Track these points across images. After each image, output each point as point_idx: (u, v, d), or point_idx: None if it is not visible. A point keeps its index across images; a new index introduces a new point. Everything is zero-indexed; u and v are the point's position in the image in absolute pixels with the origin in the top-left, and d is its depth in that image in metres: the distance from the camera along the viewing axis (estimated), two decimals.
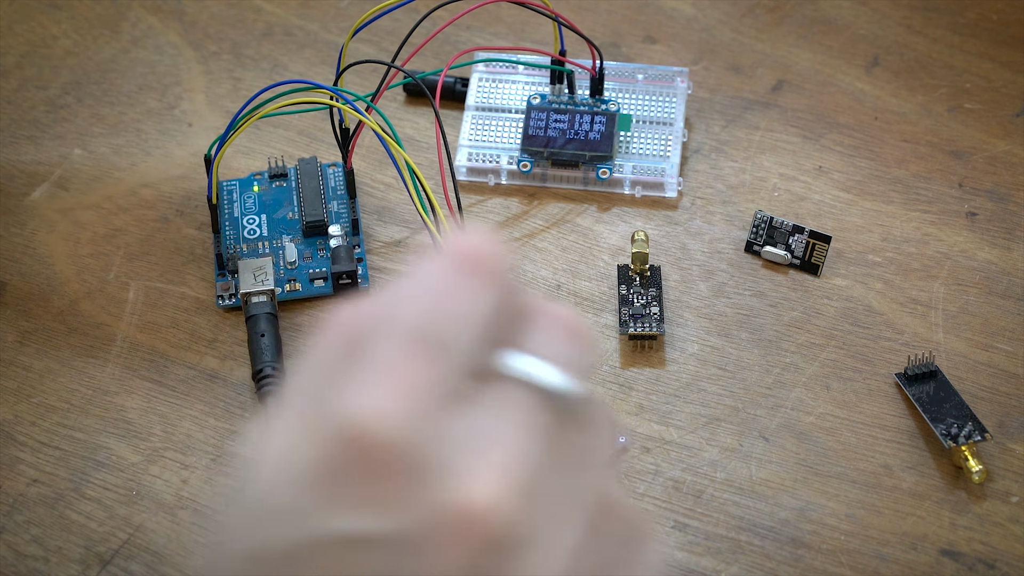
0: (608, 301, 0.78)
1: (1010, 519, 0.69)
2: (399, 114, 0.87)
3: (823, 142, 0.84)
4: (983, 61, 0.88)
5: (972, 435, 0.70)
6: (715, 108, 0.86)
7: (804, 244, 0.78)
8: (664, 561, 0.54)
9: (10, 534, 0.69)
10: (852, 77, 0.88)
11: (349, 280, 0.77)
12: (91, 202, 0.82)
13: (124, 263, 0.80)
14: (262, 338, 0.74)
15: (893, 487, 0.70)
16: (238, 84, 0.88)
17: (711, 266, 0.79)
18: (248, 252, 0.79)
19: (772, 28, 0.91)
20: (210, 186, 0.77)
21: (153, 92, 0.88)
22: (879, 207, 0.81)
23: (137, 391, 0.74)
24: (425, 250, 0.55)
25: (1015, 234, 0.80)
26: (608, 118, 0.82)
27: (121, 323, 0.77)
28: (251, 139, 0.85)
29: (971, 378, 0.74)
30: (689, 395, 0.74)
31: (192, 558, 0.68)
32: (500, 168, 0.83)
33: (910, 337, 0.75)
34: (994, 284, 0.77)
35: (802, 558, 0.68)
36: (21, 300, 0.78)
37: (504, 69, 0.86)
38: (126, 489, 0.71)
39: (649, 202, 0.82)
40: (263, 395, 0.72)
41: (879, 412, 0.73)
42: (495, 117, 0.84)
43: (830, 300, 0.77)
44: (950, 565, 0.67)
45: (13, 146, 0.85)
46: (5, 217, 0.82)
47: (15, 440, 0.72)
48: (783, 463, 0.71)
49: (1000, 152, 0.83)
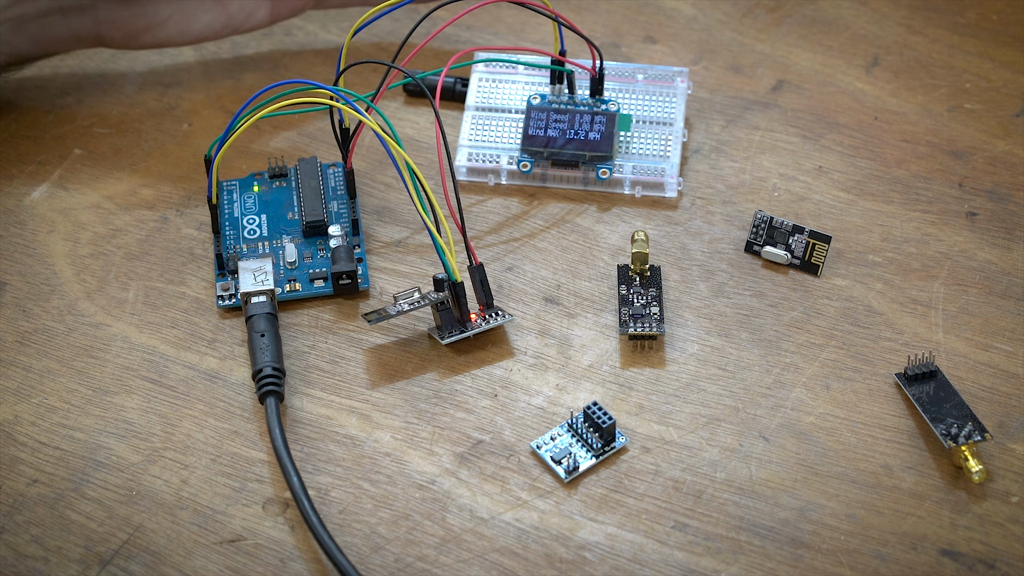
0: (608, 301, 0.78)
1: (1010, 519, 0.69)
2: (399, 114, 0.87)
3: (823, 142, 0.84)
4: (983, 61, 0.88)
5: (972, 435, 0.70)
6: (715, 108, 0.86)
7: (804, 244, 0.78)
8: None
9: (10, 534, 0.69)
10: (852, 77, 0.88)
11: (349, 280, 0.77)
12: (91, 202, 0.82)
13: (124, 263, 0.80)
14: (262, 338, 0.74)
15: (893, 487, 0.70)
16: (238, 84, 0.88)
17: (711, 266, 0.79)
18: (248, 252, 0.79)
19: (772, 28, 0.91)
20: (210, 186, 0.77)
21: (153, 92, 0.88)
22: (879, 207, 0.81)
23: (137, 391, 0.74)
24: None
25: (1015, 234, 0.80)
26: (608, 118, 0.82)
27: (121, 323, 0.77)
28: (251, 139, 0.85)
29: (971, 378, 0.74)
30: (689, 395, 0.74)
31: (192, 558, 0.68)
32: (500, 168, 0.83)
33: (910, 337, 0.75)
34: (994, 284, 0.77)
35: (802, 558, 0.68)
36: (21, 300, 0.78)
37: (504, 69, 0.86)
38: (126, 489, 0.71)
39: (649, 202, 0.82)
40: (263, 395, 0.72)
41: (879, 412, 0.73)
42: (495, 117, 0.84)
43: (830, 300, 0.77)
44: (950, 565, 0.67)
45: (13, 146, 0.85)
46: (5, 217, 0.82)
47: (15, 440, 0.72)
48: (783, 463, 0.71)
49: (1000, 152, 0.83)
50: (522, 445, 0.72)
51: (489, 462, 0.71)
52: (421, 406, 0.73)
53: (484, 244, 0.80)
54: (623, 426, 0.72)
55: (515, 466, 0.71)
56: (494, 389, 0.74)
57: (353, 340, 0.76)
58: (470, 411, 0.73)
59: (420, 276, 0.79)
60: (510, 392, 0.74)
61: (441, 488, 0.70)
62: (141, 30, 0.84)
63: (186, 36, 0.85)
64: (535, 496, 0.70)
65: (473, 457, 0.71)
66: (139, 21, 0.83)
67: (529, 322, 0.77)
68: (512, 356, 0.75)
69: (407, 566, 0.68)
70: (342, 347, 0.76)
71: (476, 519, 0.69)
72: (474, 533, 0.69)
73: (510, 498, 0.70)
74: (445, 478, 0.71)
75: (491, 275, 0.78)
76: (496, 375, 0.74)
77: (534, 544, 0.68)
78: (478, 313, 0.76)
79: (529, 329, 0.76)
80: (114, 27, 0.83)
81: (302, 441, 0.72)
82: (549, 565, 0.68)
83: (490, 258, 0.79)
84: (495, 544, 0.68)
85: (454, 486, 0.70)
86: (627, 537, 0.69)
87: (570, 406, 0.73)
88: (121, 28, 0.83)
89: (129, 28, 0.84)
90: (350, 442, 0.72)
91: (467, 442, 0.72)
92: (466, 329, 0.75)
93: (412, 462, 0.71)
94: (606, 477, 0.71)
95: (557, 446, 0.71)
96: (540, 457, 0.71)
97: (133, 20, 0.83)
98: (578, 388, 0.74)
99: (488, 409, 0.73)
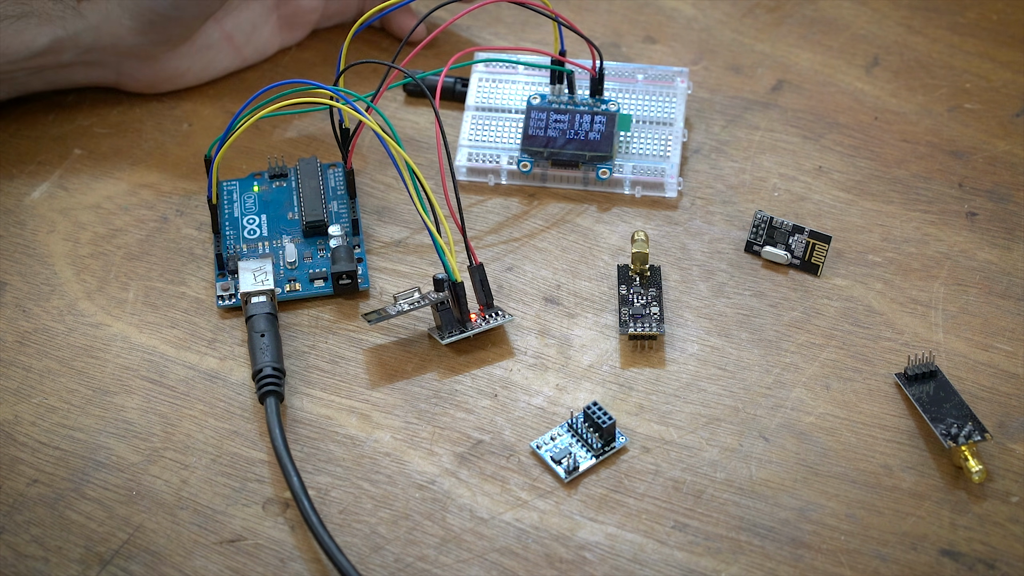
0: (608, 301, 0.77)
1: (1010, 519, 0.69)
2: (399, 114, 0.87)
3: (823, 142, 0.84)
4: (983, 61, 0.88)
5: (972, 435, 0.70)
6: (715, 108, 0.86)
7: (804, 244, 0.78)
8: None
9: (10, 534, 0.69)
10: (852, 77, 0.88)
11: (349, 280, 0.77)
12: (91, 202, 0.82)
13: (124, 263, 0.80)
14: (262, 338, 0.74)
15: (893, 487, 0.70)
16: (238, 84, 0.88)
17: (711, 266, 0.79)
18: (248, 252, 0.79)
19: (772, 28, 0.91)
20: (210, 186, 0.77)
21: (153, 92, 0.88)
22: (879, 207, 0.81)
23: (137, 391, 0.74)
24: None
25: (1015, 234, 0.80)
26: (608, 118, 0.82)
27: (121, 323, 0.77)
28: (251, 139, 0.85)
29: (971, 378, 0.74)
30: (689, 395, 0.74)
31: (192, 558, 0.68)
32: (500, 168, 0.83)
33: (910, 337, 0.75)
34: (994, 284, 0.77)
35: (802, 558, 0.68)
36: (21, 300, 0.78)
37: (504, 69, 0.86)
38: (126, 489, 0.71)
39: (649, 202, 0.82)
40: (263, 395, 0.72)
41: (879, 412, 0.73)
42: (495, 117, 0.84)
43: (830, 300, 0.77)
44: (950, 565, 0.67)
45: (13, 146, 0.85)
46: (5, 217, 0.82)
47: (15, 440, 0.72)
48: (783, 463, 0.71)
49: (1000, 152, 0.83)
50: (522, 445, 0.72)
51: (489, 462, 0.71)
52: (421, 406, 0.73)
53: (484, 244, 0.80)
54: (623, 426, 0.72)
55: (515, 466, 0.71)
56: (494, 389, 0.74)
57: (353, 340, 0.76)
58: (470, 411, 0.73)
59: (420, 276, 0.79)
60: (510, 392, 0.74)
61: (441, 488, 0.70)
62: (162, 81, 0.86)
63: (203, 80, 0.87)
64: (535, 496, 0.70)
65: (473, 457, 0.71)
66: (160, 75, 0.85)
67: (529, 322, 0.77)
68: (512, 356, 0.75)
69: (407, 566, 0.68)
70: (342, 347, 0.76)
71: (476, 519, 0.69)
72: (474, 533, 0.69)
73: (510, 498, 0.70)
74: (445, 478, 0.71)
75: (491, 275, 0.78)
76: (496, 375, 0.74)
77: (534, 544, 0.68)
78: (478, 313, 0.76)
79: (529, 329, 0.76)
80: (134, 79, 0.85)
81: (302, 441, 0.72)
82: (549, 565, 0.68)
83: (490, 258, 0.79)
84: (495, 544, 0.68)
85: (454, 486, 0.70)
86: (627, 537, 0.68)
87: (570, 406, 0.73)
88: (141, 81, 0.85)
89: (150, 81, 0.86)
90: (350, 442, 0.72)
91: (467, 442, 0.72)
92: (466, 329, 0.75)
93: (412, 462, 0.71)
94: (606, 477, 0.71)
95: (557, 446, 0.71)
96: (540, 457, 0.71)
97: (154, 75, 0.85)
98: (578, 388, 0.74)
99: (488, 409, 0.73)
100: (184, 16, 0.81)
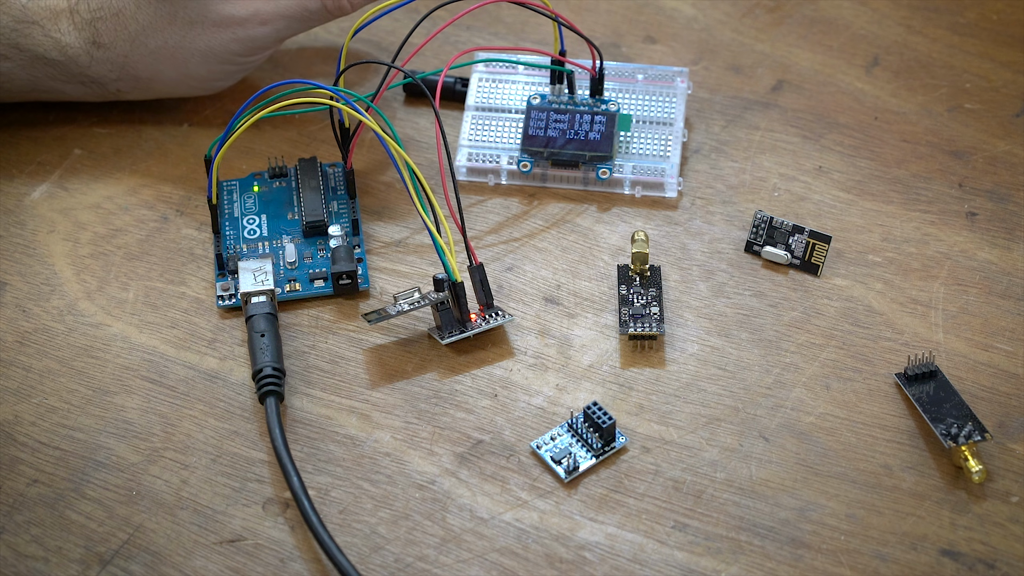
0: (608, 301, 0.78)
1: (1010, 519, 0.69)
2: (399, 114, 0.87)
3: (823, 142, 0.84)
4: (983, 61, 0.88)
5: (972, 435, 0.70)
6: (715, 108, 0.86)
7: (804, 244, 0.78)
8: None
9: (10, 534, 0.69)
10: (852, 77, 0.88)
11: (349, 280, 0.77)
12: (91, 202, 0.82)
13: (124, 263, 0.80)
14: (262, 338, 0.74)
15: (893, 487, 0.70)
16: (238, 84, 0.88)
17: (711, 266, 0.79)
18: (248, 252, 0.79)
19: (772, 28, 0.91)
20: (210, 186, 0.77)
21: None
22: (879, 207, 0.81)
23: (137, 391, 0.74)
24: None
25: (1015, 234, 0.80)
26: (608, 118, 0.82)
27: (121, 323, 0.77)
28: (251, 139, 0.85)
29: (971, 378, 0.74)
30: (689, 395, 0.74)
31: (192, 558, 0.68)
32: (500, 168, 0.83)
33: (910, 337, 0.75)
34: (994, 284, 0.77)
35: (802, 558, 0.68)
36: (21, 300, 0.78)
37: (504, 69, 0.86)
38: (126, 489, 0.71)
39: (649, 202, 0.82)
40: (263, 395, 0.72)
41: (879, 412, 0.73)
42: (495, 117, 0.84)
43: (830, 300, 0.77)
44: (950, 565, 0.67)
45: (13, 146, 0.85)
46: (5, 217, 0.82)
47: (15, 440, 0.72)
48: (783, 463, 0.71)
49: (1000, 152, 0.83)
50: (522, 445, 0.72)
51: (489, 462, 0.71)
52: (421, 406, 0.73)
53: (484, 244, 0.80)
54: (623, 426, 0.72)
55: (515, 466, 0.71)
56: (494, 389, 0.74)
57: (353, 340, 0.76)
58: (470, 411, 0.73)
59: (420, 276, 0.79)
60: (510, 392, 0.74)
61: (441, 488, 0.70)
62: (157, 95, 0.85)
63: (200, 95, 0.87)
64: (535, 496, 0.70)
65: (473, 457, 0.71)
66: (155, 93, 0.85)
67: (529, 322, 0.77)
68: (512, 356, 0.75)
69: (407, 566, 0.68)
70: (342, 347, 0.76)
71: (476, 519, 0.69)
72: (474, 533, 0.69)
73: (510, 498, 0.70)
74: (445, 478, 0.71)
75: (491, 275, 0.78)
76: (496, 375, 0.74)
77: (534, 544, 0.68)
78: (478, 313, 0.76)
79: (529, 329, 0.76)
80: (129, 96, 0.85)
81: (302, 441, 0.72)
82: (549, 565, 0.68)
83: (490, 258, 0.79)
84: (495, 544, 0.68)
85: (454, 486, 0.70)
86: (627, 537, 0.69)
87: (570, 406, 0.73)
88: (137, 96, 0.85)
89: (145, 96, 0.85)
90: (350, 442, 0.72)
91: (467, 442, 0.72)
92: (466, 329, 0.75)
93: (412, 462, 0.71)
94: (606, 477, 0.71)
95: (557, 446, 0.71)
96: (540, 457, 0.71)
97: (151, 94, 0.85)
98: (578, 388, 0.74)
99: (488, 409, 0.73)
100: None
